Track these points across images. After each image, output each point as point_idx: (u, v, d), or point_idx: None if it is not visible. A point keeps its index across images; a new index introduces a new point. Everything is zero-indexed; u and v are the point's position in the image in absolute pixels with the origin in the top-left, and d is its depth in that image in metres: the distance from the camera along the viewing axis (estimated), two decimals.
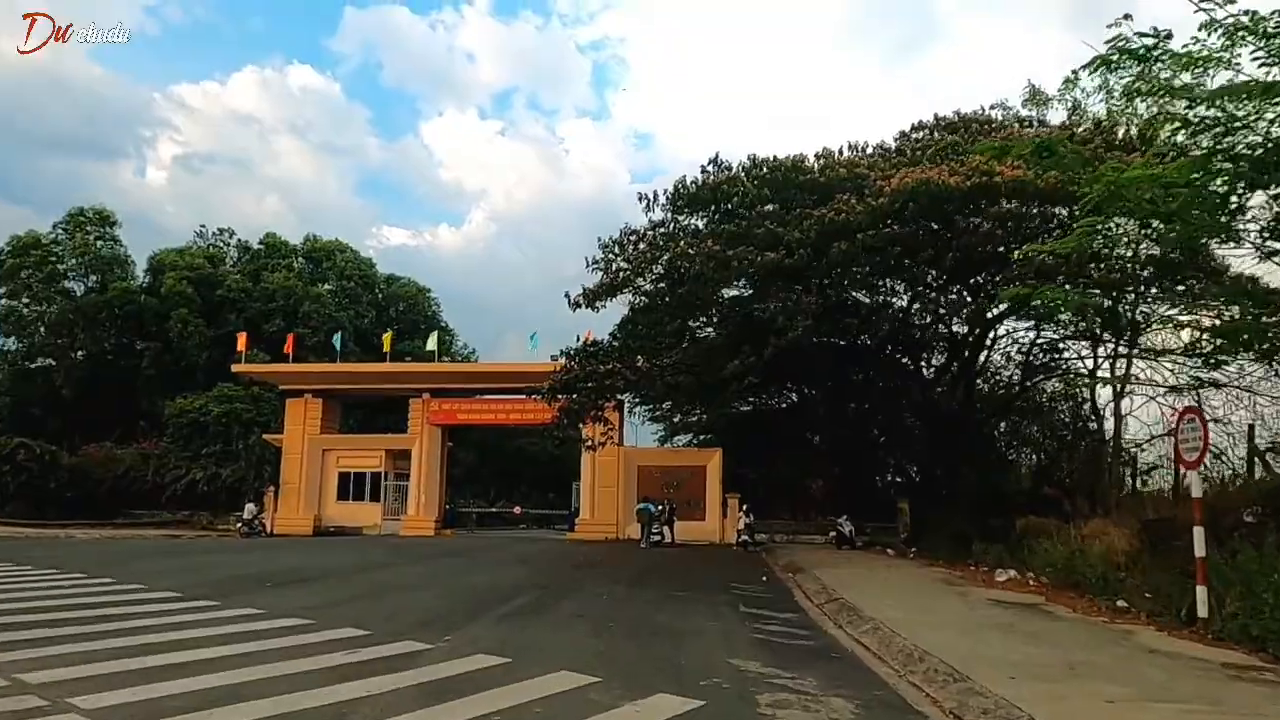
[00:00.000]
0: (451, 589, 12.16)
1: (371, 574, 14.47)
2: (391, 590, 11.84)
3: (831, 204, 13.63)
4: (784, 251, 13.62)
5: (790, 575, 15.15)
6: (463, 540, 28.47)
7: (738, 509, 28.93)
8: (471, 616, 9.34)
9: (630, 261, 15.97)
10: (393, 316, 54.91)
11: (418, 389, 33.02)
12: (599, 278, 16.24)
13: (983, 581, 13.74)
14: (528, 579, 13.66)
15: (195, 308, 44.21)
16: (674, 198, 15.96)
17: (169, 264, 45.51)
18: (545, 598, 11.28)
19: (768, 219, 14.45)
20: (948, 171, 12.67)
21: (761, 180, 15.29)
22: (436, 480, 32.95)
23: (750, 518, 26.05)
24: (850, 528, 25.74)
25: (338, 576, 13.78)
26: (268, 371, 34.15)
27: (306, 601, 10.30)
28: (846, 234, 13.10)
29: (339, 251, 52.73)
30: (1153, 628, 8.97)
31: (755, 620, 9.74)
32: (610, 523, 30.59)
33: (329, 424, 34.34)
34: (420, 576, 13.98)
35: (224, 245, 54.16)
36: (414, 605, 10.26)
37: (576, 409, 17.80)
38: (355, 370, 33.25)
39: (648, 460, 31.68)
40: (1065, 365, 24.92)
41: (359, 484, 33.68)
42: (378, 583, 12.94)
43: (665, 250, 15.28)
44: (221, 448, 34.85)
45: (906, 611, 9.83)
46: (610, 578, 14.31)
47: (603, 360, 17.92)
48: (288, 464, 33.15)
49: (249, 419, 35.63)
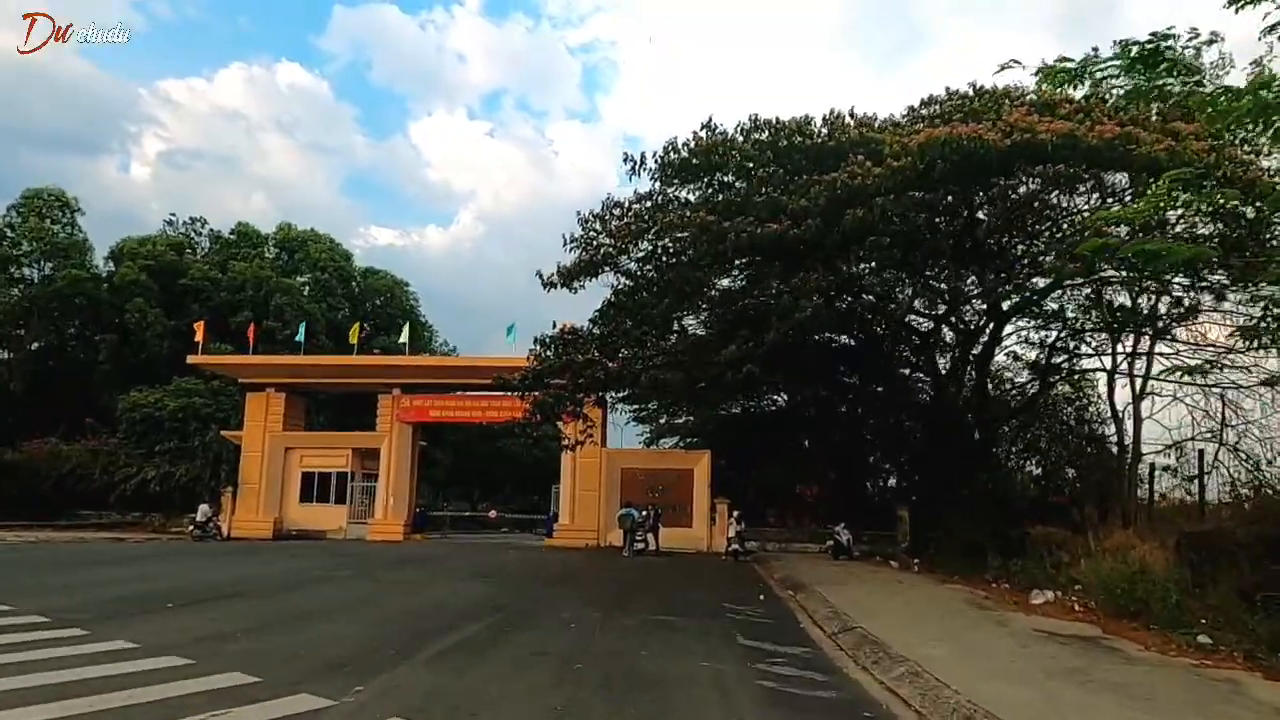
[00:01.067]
0: (390, 613, 10.17)
1: (306, 590, 12.45)
2: (317, 615, 9.83)
3: (845, 166, 11.80)
4: (788, 222, 11.76)
5: (791, 594, 13.26)
6: (430, 547, 26.40)
7: (727, 515, 27.07)
8: (401, 654, 7.38)
9: (613, 236, 14.04)
10: (369, 311, 52.75)
11: (387, 384, 30.91)
12: (578, 255, 14.31)
13: (1015, 604, 11.90)
14: (487, 598, 11.69)
15: (155, 297, 41.90)
16: (663, 164, 14.07)
17: (129, 252, 43.12)
18: (502, 625, 9.32)
19: (768, 185, 12.59)
20: (985, 127, 10.86)
21: (761, 144, 13.42)
22: (406, 482, 30.85)
23: (741, 525, 24.19)
24: (848, 536, 23.93)
25: (263, 594, 11.75)
26: (226, 364, 31.91)
27: (202, 630, 8.29)
28: (862, 199, 11.26)
29: (313, 241, 50.45)
30: (1258, 674, 7.14)
31: (758, 658, 7.83)
32: (591, 528, 28.61)
33: (293, 421, 32.16)
34: (361, 594, 11.96)
35: (196, 235, 51.86)
36: (334, 637, 8.28)
37: (551, 402, 15.82)
38: (320, 363, 31.07)
39: (632, 462, 29.72)
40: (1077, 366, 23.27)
41: (324, 485, 31.51)
42: (306, 603, 10.93)
43: (652, 223, 13.36)
44: (177, 445, 32.56)
45: (942, 646, 7.96)
46: (585, 597, 12.36)
47: (581, 349, 15.99)
48: (247, 463, 30.93)
49: (207, 415, 33.36)
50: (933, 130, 11.33)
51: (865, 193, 11.27)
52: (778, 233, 11.61)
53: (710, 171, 14.16)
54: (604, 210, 14.86)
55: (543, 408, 16.05)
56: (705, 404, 37.58)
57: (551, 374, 16.00)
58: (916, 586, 14.38)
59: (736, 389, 29.46)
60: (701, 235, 12.43)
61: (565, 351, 16.20)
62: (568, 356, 15.91)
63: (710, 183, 14.69)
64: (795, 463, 37.02)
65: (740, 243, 11.93)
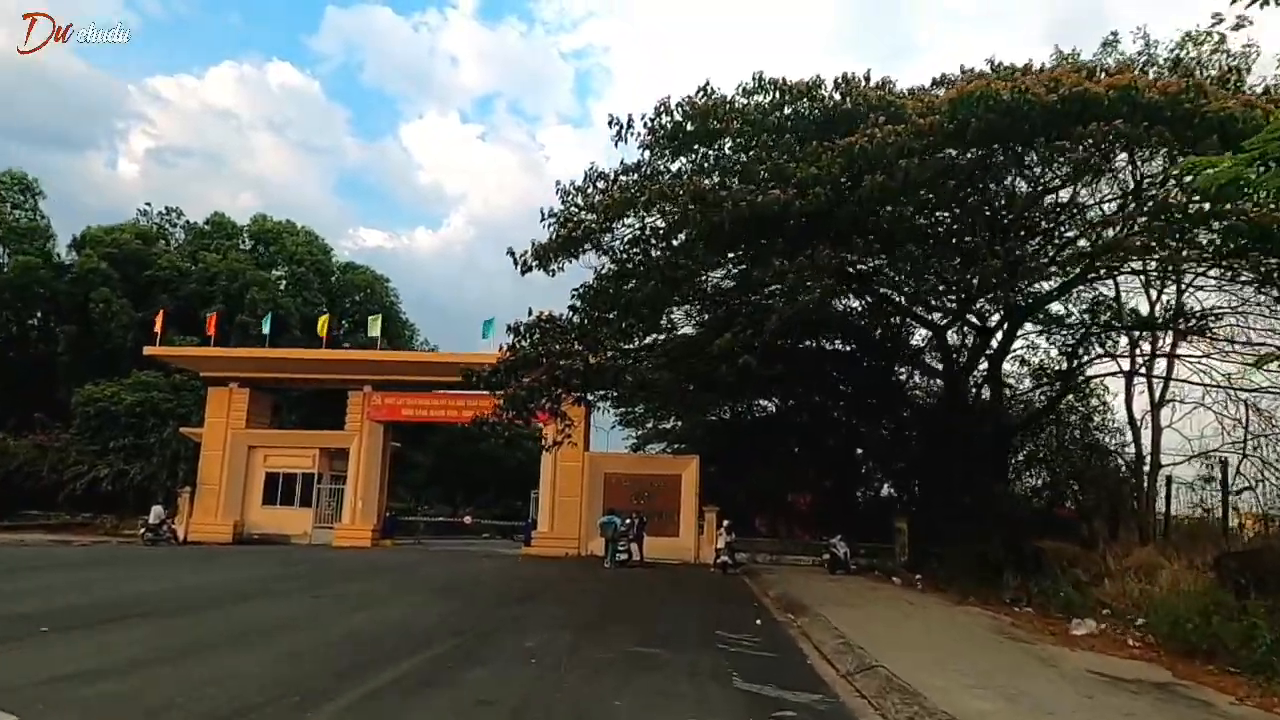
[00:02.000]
0: (320, 639, 8.49)
1: (233, 607, 10.74)
2: (228, 642, 8.15)
3: (863, 129, 10.30)
4: (795, 190, 10.22)
5: (791, 618, 11.67)
6: (398, 554, 24.66)
7: (716, 525, 25.46)
8: (306, 703, 5.73)
9: (596, 211, 12.44)
10: (347, 307, 50.94)
11: (358, 381, 29.15)
12: (555, 231, 12.69)
13: (1051, 633, 10.37)
14: (444, 619, 10.03)
15: (119, 287, 39.89)
16: (653, 130, 12.51)
17: (92, 239, 41.11)
18: (451, 658, 7.68)
19: (774, 150, 11.06)
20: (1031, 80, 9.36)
21: (765, 108, 11.88)
22: (376, 484, 29.06)
23: (731, 536, 22.59)
24: (845, 550, 22.45)
25: (178, 612, 10.04)
26: (185, 356, 30.00)
27: (65, 666, 6.61)
28: (883, 164, 9.75)
29: (289, 234, 48.56)
30: None
31: (762, 710, 6.23)
32: (571, 536, 26.95)
33: (257, 418, 30.31)
34: (295, 613, 10.27)
35: (170, 226, 49.88)
36: (234, 674, 6.62)
37: (524, 397, 14.18)
38: (285, 357, 29.24)
39: (616, 467, 28.07)
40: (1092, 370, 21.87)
41: (289, 487, 29.67)
42: (223, 626, 9.23)
43: (640, 193, 11.78)
44: (133, 442, 30.63)
45: (988, 696, 6.41)
46: (556, 618, 10.72)
47: (559, 339, 14.38)
48: (207, 462, 29.06)
49: (167, 410, 31.48)
50: (965, 85, 9.86)
51: (886, 156, 9.75)
52: (782, 201, 10.06)
53: (707, 140, 12.58)
54: (586, 182, 13.26)
55: (515, 403, 14.40)
56: (694, 408, 36.12)
57: (526, 366, 14.38)
58: (930, 609, 12.82)
59: (729, 389, 27.94)
60: (694, 205, 10.87)
61: (542, 342, 14.59)
62: (544, 347, 14.30)
63: (706, 154, 13.13)
64: (787, 470, 35.57)
65: (738, 213, 10.36)
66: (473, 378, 14.57)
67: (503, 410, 14.52)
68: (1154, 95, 8.90)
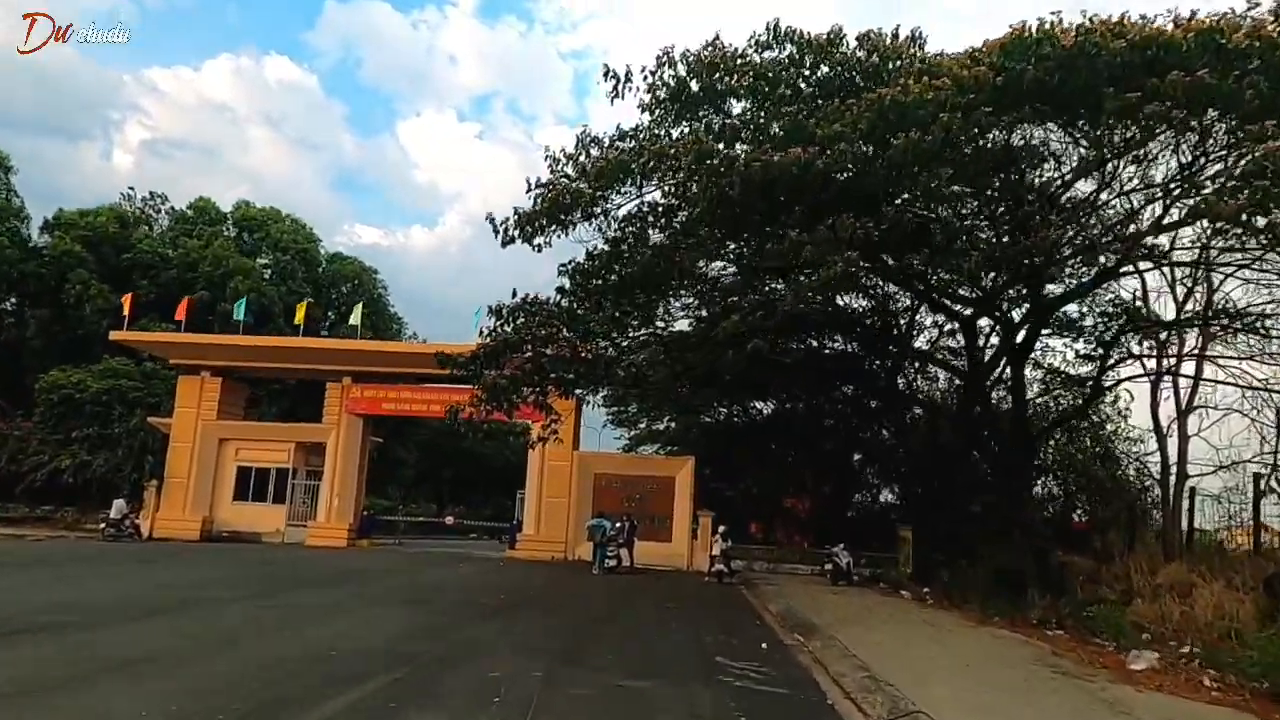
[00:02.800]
0: (239, 667, 7.03)
1: (154, 621, 9.26)
2: (105, 672, 6.66)
3: (895, 79, 8.96)
4: (816, 149, 8.85)
5: (800, 640, 10.26)
6: (372, 556, 23.17)
7: (711, 530, 24.07)
8: None
9: (588, 176, 11.03)
10: (334, 299, 49.39)
11: (336, 372, 27.65)
12: (542, 198, 11.26)
13: (1102, 665, 8.99)
14: (399, 639, 8.59)
15: (94, 270, 38.24)
16: (653, 87, 11.11)
17: (67, 222, 39.47)
18: (395, 695, 6.25)
19: (791, 104, 9.69)
20: (1100, 24, 8.00)
21: (782, 62, 10.50)
22: (354, 481, 27.55)
23: (727, 543, 21.19)
24: (848, 559, 21.05)
25: (77, 628, 8.53)
26: (153, 341, 28.43)
27: None
28: (919, 121, 8.39)
29: (274, 221, 46.99)
30: None
31: None
32: (558, 540, 25.54)
33: (229, 409, 28.78)
34: (224, 630, 8.78)
35: (155, 212, 48.25)
36: (103, 716, 5.18)
37: (505, 386, 12.74)
38: (258, 344, 27.69)
39: (606, 467, 26.64)
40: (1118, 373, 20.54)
41: (261, 482, 28.17)
42: (129, 646, 7.76)
43: (638, 155, 10.38)
44: (98, 431, 29.03)
45: None
46: (531, 638, 9.30)
47: (545, 322, 12.97)
48: (175, 454, 27.52)
49: (136, 399, 29.90)
50: (1019, 29, 8.49)
51: (926, 110, 8.38)
52: (802, 161, 8.67)
53: (714, 101, 11.19)
54: (578, 149, 11.85)
55: (494, 393, 12.97)
56: (689, 409, 34.76)
57: (508, 352, 12.97)
58: (956, 631, 11.44)
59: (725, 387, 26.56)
60: (699, 168, 9.48)
61: (527, 327, 13.17)
62: (529, 332, 12.89)
63: (712, 121, 11.72)
64: (784, 474, 34.27)
65: (750, 176, 8.97)
66: (449, 364, 13.11)
67: (481, 401, 13.09)
68: (1241, 41, 7.55)
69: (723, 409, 36.12)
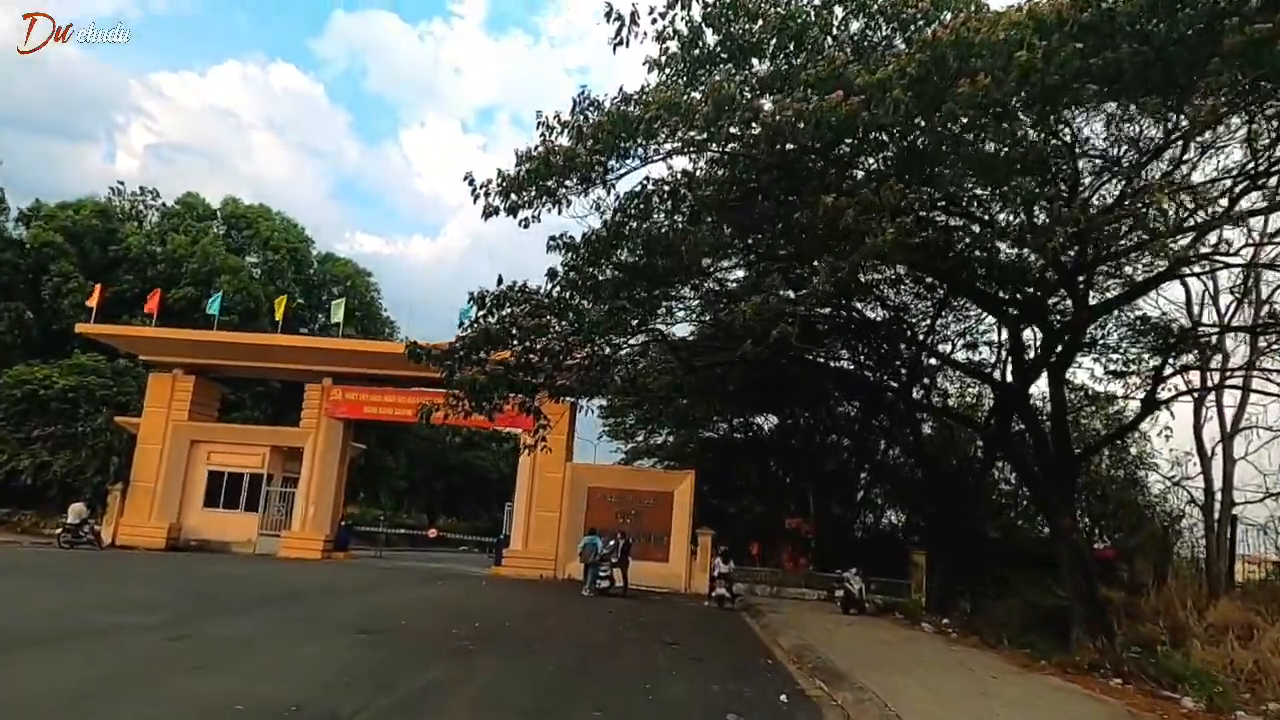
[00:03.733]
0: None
1: (11, 655, 7.55)
2: None
3: (958, 16, 7.41)
4: (860, 99, 7.29)
5: (825, 690, 8.56)
6: (344, 571, 21.42)
7: (711, 551, 22.38)
8: None
9: (584, 138, 9.43)
10: (324, 301, 47.74)
11: (316, 372, 25.98)
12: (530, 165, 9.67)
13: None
14: (328, 687, 6.89)
15: (75, 264, 36.66)
16: (662, 36, 9.55)
17: (47, 215, 37.89)
18: None
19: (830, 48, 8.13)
20: None
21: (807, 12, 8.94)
22: (332, 489, 25.83)
23: (730, 565, 19.53)
24: (860, 585, 19.36)
25: None
26: (119, 335, 26.71)
27: None
28: (988, 62, 6.81)
29: (263, 219, 45.44)
30: None
31: None
32: (547, 556, 23.81)
33: (202, 409, 27.10)
34: (90, 675, 7.03)
35: (145, 207, 46.70)
36: None
37: (485, 384, 11.10)
38: (234, 341, 25.97)
39: (601, 480, 24.94)
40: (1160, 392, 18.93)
41: (234, 488, 26.41)
42: None
43: (646, 108, 8.78)
44: (61, 430, 27.30)
45: None
46: (497, 688, 7.60)
47: (533, 312, 11.36)
48: (142, 456, 25.79)
49: (104, 397, 28.19)
50: None
51: (997, 48, 6.81)
52: (845, 111, 7.11)
53: (737, 59, 9.60)
54: (576, 110, 10.27)
55: (474, 392, 11.31)
56: (689, 423, 33.15)
57: (491, 345, 11.34)
58: (1002, 678, 9.74)
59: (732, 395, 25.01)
60: (719, 120, 7.89)
61: (513, 318, 11.55)
62: (513, 322, 11.27)
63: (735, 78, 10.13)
64: (785, 492, 32.66)
65: (779, 126, 7.39)
66: (419, 356, 11.43)
67: (457, 400, 11.43)
68: None
69: (723, 424, 34.63)
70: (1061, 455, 13.42)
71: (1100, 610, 12.89)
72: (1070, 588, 12.98)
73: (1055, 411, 13.95)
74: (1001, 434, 14.47)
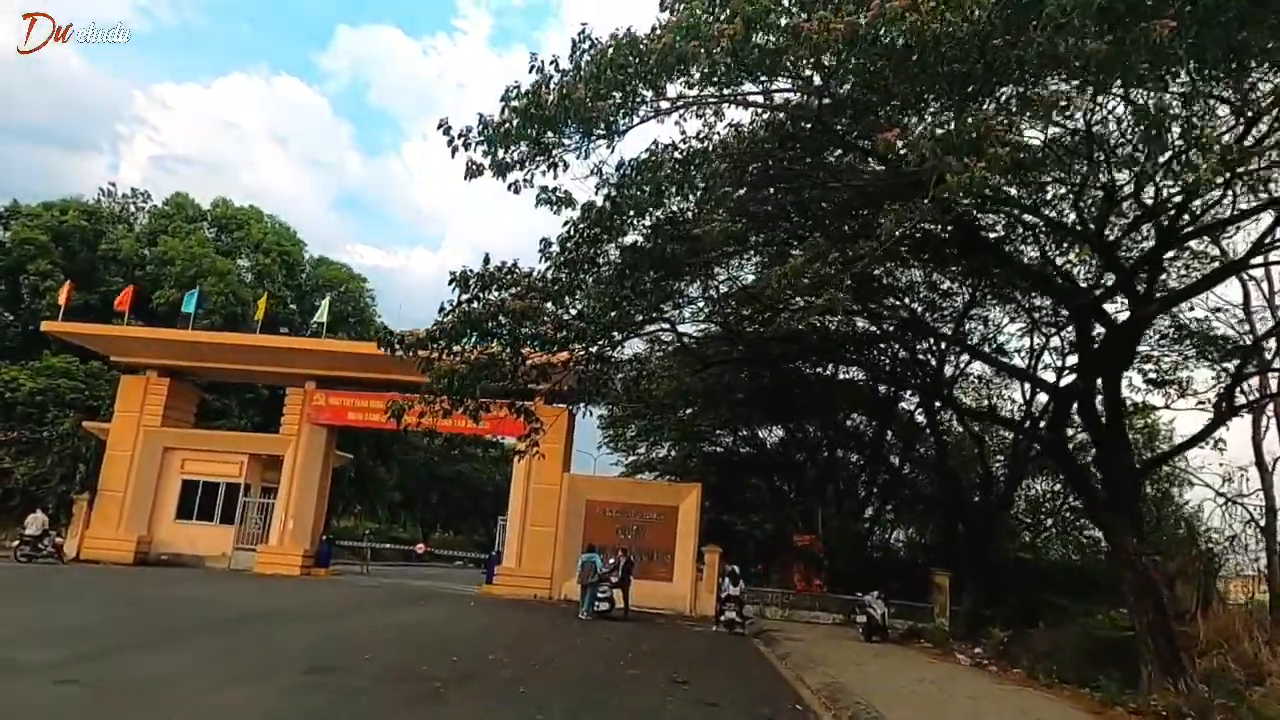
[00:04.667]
0: None
1: None
2: None
3: None
4: (932, 6, 5.73)
5: None
6: (321, 590, 19.73)
7: (719, 571, 20.66)
8: None
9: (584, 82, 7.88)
10: (315, 306, 46.15)
11: (298, 375, 24.39)
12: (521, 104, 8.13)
13: None
14: None
15: (59, 264, 35.14)
16: None
17: (28, 214, 36.42)
18: None
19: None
20: None
21: None
22: (313, 500, 24.18)
23: (739, 587, 17.83)
24: (883, 610, 17.68)
25: None
26: (88, 334, 25.04)
27: None
28: None
29: (254, 221, 44.00)
30: None
31: None
32: (542, 575, 22.13)
33: (177, 414, 25.47)
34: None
35: (135, 209, 45.28)
36: None
37: (466, 377, 9.52)
38: (211, 341, 24.35)
39: (601, 493, 23.27)
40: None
41: (209, 498, 24.76)
42: None
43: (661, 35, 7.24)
44: (27, 435, 25.66)
45: None
46: None
47: (522, 295, 9.79)
48: (111, 463, 24.16)
49: (74, 401, 26.58)
50: None
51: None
52: (909, 22, 5.55)
53: None
54: (575, 56, 8.73)
55: (454, 386, 9.71)
56: (692, 434, 31.52)
57: (470, 331, 9.76)
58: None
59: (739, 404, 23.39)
60: (748, 42, 6.37)
61: (499, 302, 9.99)
62: (498, 304, 9.71)
63: None
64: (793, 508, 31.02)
65: (821, 43, 5.83)
66: (390, 343, 9.83)
67: (433, 395, 9.83)
68: None
69: (727, 437, 33.06)
70: (1123, 467, 11.82)
71: (1175, 645, 11.23)
72: (1138, 619, 11.34)
73: (1111, 418, 12.34)
74: (1057, 440, 12.82)
